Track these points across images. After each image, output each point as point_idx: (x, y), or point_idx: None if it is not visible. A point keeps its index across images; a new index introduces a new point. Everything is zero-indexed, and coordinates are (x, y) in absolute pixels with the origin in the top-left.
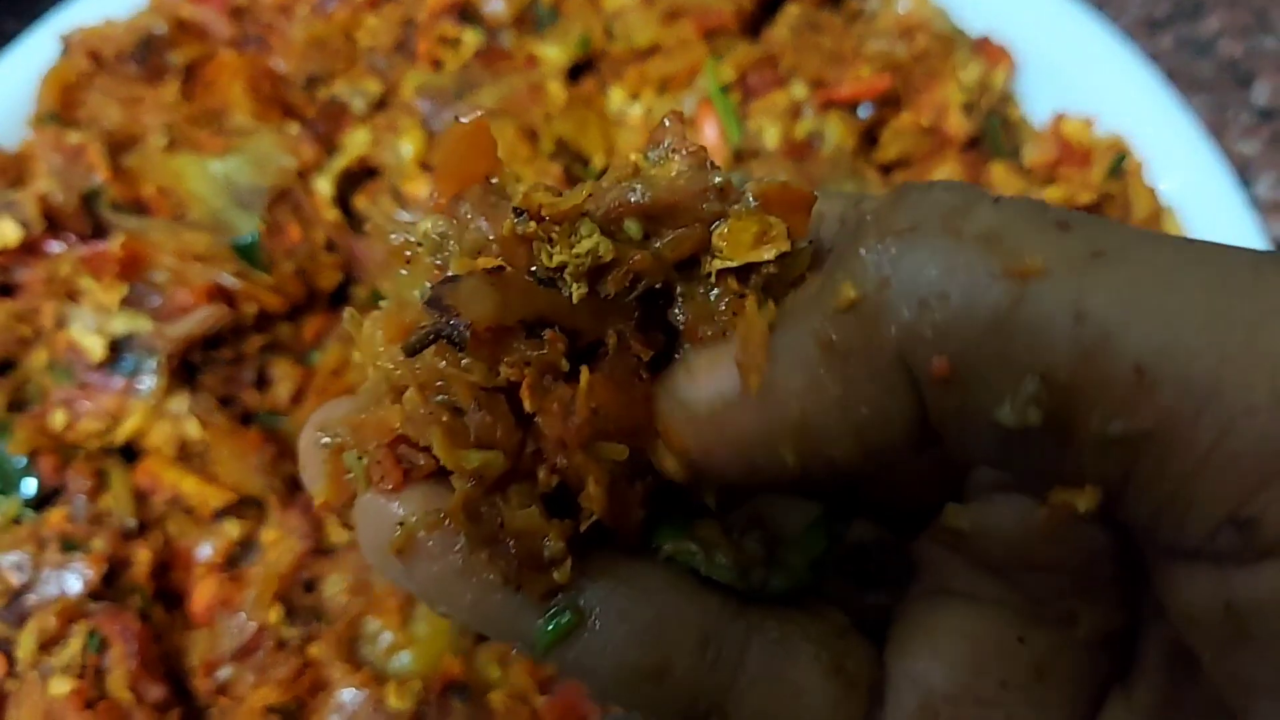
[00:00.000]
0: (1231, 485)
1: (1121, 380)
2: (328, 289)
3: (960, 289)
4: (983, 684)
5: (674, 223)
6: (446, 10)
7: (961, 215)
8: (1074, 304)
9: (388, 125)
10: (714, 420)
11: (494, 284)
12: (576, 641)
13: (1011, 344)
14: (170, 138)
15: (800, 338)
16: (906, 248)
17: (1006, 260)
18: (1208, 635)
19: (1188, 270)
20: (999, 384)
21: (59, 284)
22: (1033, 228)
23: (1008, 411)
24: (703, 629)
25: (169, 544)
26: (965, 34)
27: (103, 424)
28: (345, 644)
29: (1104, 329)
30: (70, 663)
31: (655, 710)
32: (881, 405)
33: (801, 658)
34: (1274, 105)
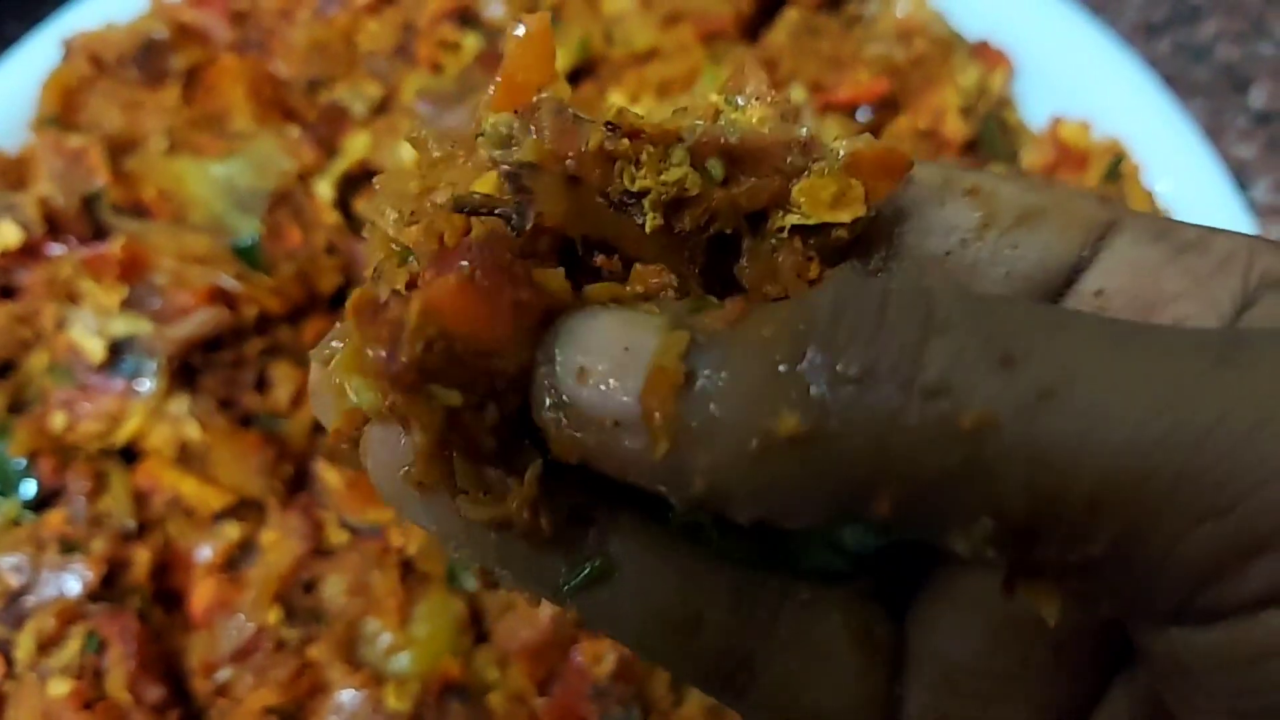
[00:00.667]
0: (1183, 584)
1: (1076, 515)
2: (328, 292)
3: (910, 441)
4: (1004, 658)
5: (755, 170)
6: (446, 14)
7: (912, 354)
8: (1025, 452)
9: (388, 129)
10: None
11: (568, 186)
12: (604, 589)
13: (963, 488)
14: (171, 141)
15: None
16: (857, 399)
17: (957, 416)
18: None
19: (1140, 388)
20: (950, 520)
21: (59, 286)
22: (979, 370)
23: (960, 545)
24: (735, 584)
25: (168, 545)
26: (963, 38)
27: (103, 426)
28: (344, 645)
29: (1057, 472)
30: (69, 664)
31: (682, 664)
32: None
33: (831, 623)
34: (1271, 109)
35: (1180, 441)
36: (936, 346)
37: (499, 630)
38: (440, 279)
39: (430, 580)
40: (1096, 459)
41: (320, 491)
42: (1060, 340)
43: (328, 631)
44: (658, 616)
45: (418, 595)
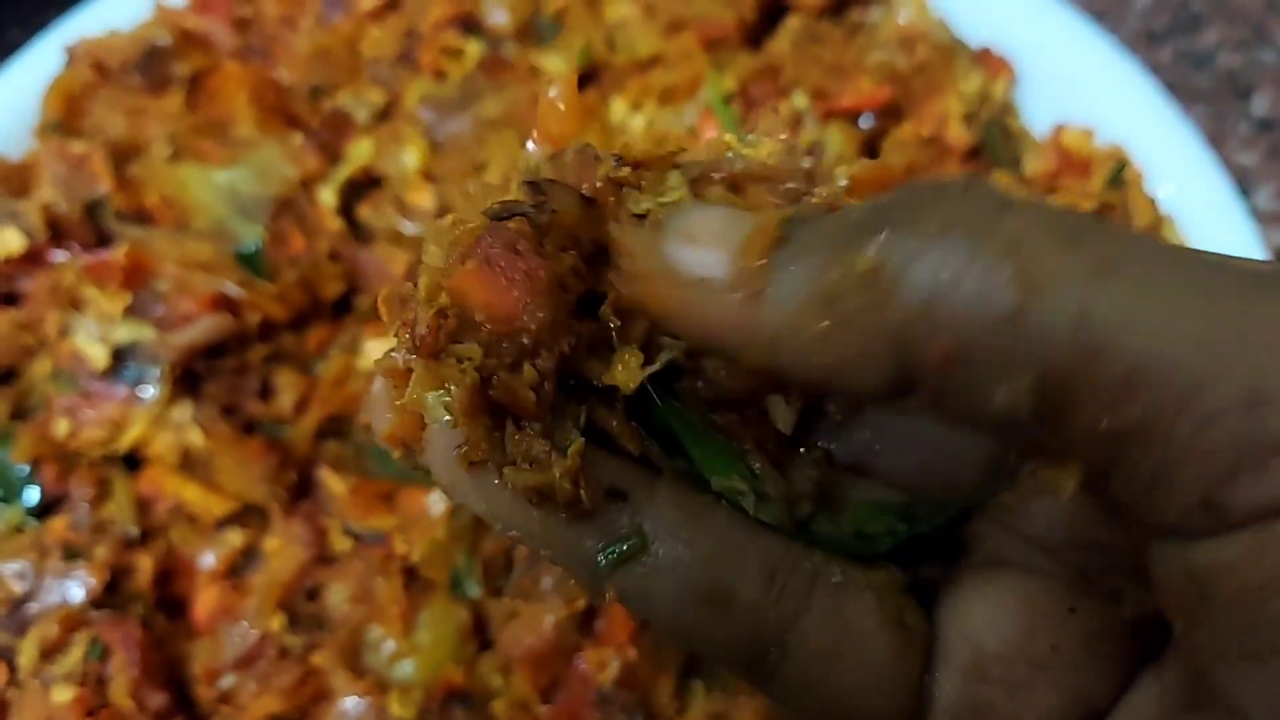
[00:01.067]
0: (1204, 475)
1: (1113, 382)
2: (331, 298)
3: (975, 287)
4: (1034, 647)
5: (756, 196)
6: (449, 22)
7: (989, 220)
8: (1076, 315)
9: (391, 135)
10: (695, 292)
11: (581, 200)
12: (638, 565)
13: (1014, 342)
14: (174, 148)
15: (806, 273)
16: (934, 241)
17: (1022, 267)
18: (1177, 605)
19: (1186, 284)
20: (995, 375)
21: (62, 293)
22: (1050, 238)
23: (999, 401)
24: (769, 561)
25: (171, 552)
26: (966, 45)
27: (105, 432)
28: (348, 652)
29: (1102, 336)
30: (72, 670)
31: (716, 641)
32: (861, 363)
33: (865, 604)
34: (1273, 117)
35: (1221, 336)
36: (1009, 217)
37: (502, 637)
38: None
39: (434, 588)
40: (1138, 333)
41: (324, 499)
42: (1117, 236)
43: (331, 639)
44: (691, 592)
45: (421, 603)
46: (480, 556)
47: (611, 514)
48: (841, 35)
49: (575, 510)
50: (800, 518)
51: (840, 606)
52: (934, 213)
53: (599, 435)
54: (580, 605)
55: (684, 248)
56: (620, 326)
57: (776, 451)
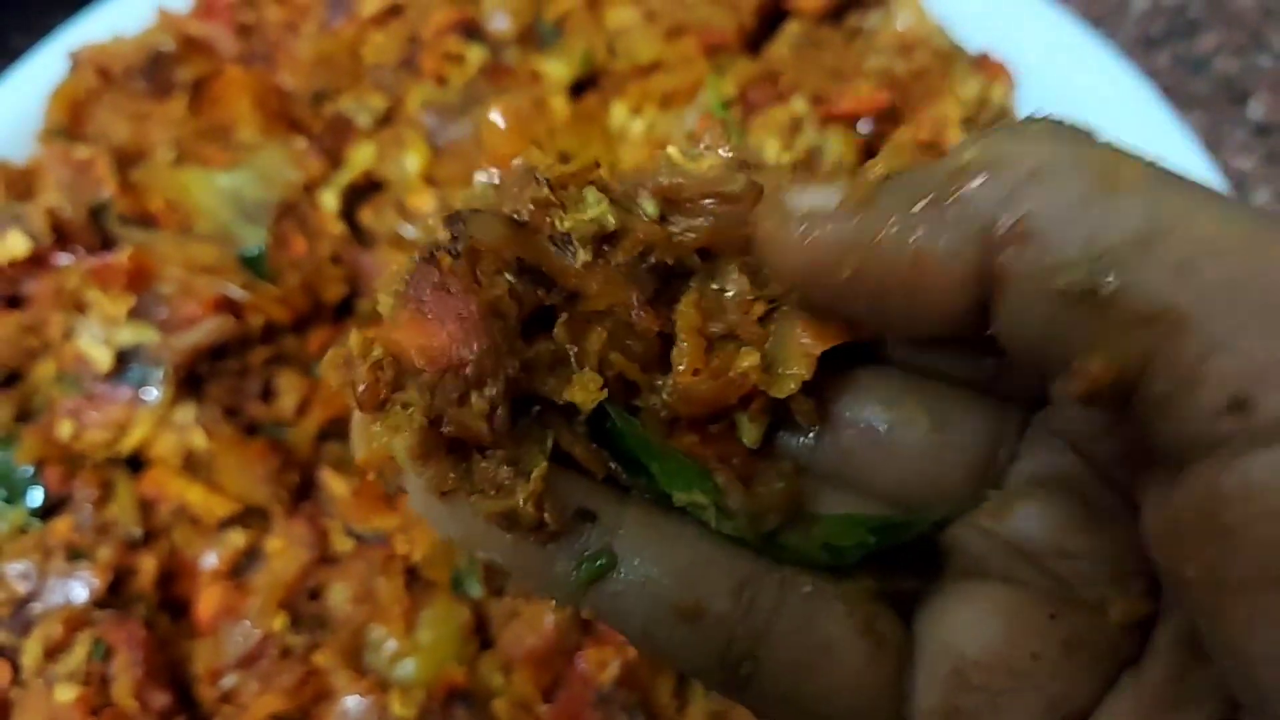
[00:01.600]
0: (1236, 369)
1: (1166, 267)
2: (333, 301)
3: (1056, 178)
4: (1015, 654)
5: (696, 213)
6: (451, 27)
7: (1076, 137)
8: (1146, 206)
9: (393, 140)
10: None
11: (508, 223)
12: (610, 583)
13: (1085, 223)
14: (178, 152)
15: (906, 189)
16: (1020, 137)
17: (1103, 168)
18: (1183, 541)
19: (1239, 205)
20: (1065, 252)
21: (67, 296)
22: (1127, 156)
23: (1062, 282)
24: (738, 574)
25: (174, 553)
26: (964, 50)
27: (109, 434)
28: (349, 652)
29: (1164, 226)
30: (75, 670)
31: (689, 653)
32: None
33: (834, 614)
34: (1270, 121)
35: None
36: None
37: (504, 637)
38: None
39: (435, 588)
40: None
41: (325, 500)
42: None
43: (333, 638)
44: (661, 608)
45: (423, 602)
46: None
47: (581, 534)
48: (840, 40)
49: (543, 533)
50: (766, 531)
51: (810, 617)
52: (1026, 127)
53: (566, 458)
54: None
55: (800, 192)
56: (576, 349)
57: (743, 467)
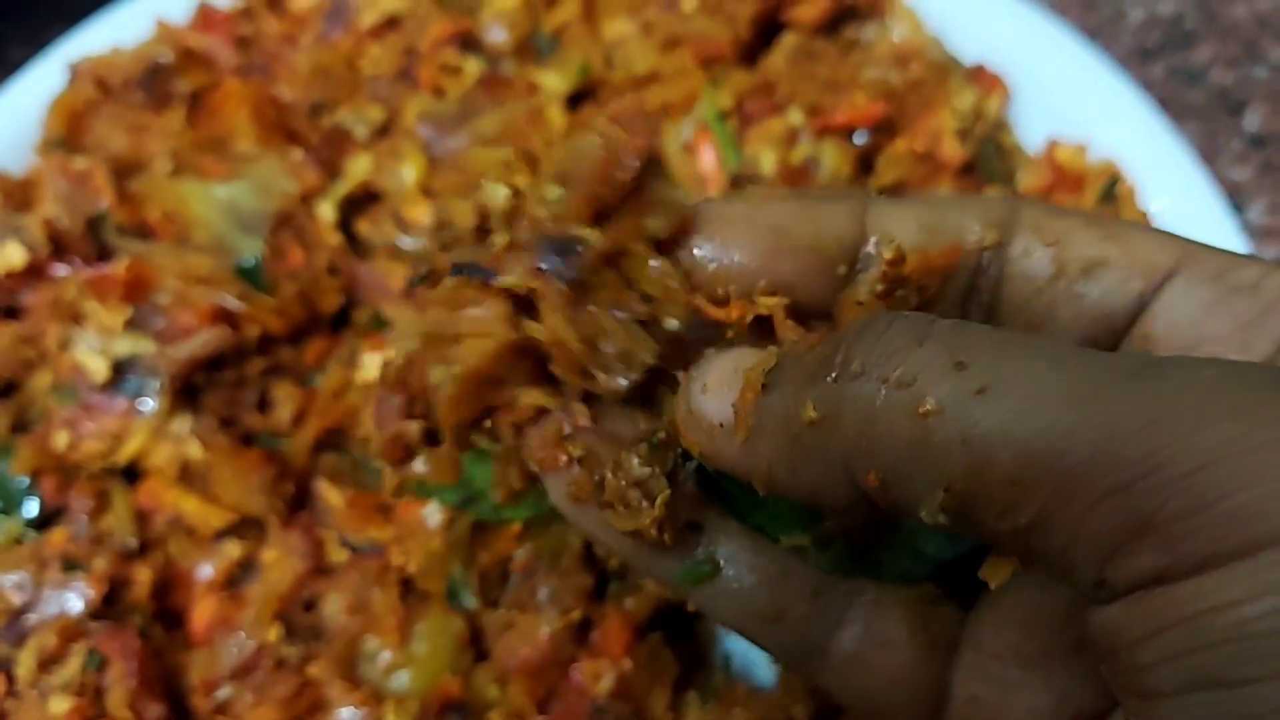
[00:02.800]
0: (1092, 558)
1: (1001, 489)
2: (329, 312)
3: (885, 422)
4: (1029, 649)
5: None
6: (448, 39)
7: (892, 364)
8: (961, 434)
9: (390, 151)
10: (712, 437)
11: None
12: (711, 586)
13: (921, 464)
14: (175, 163)
15: (778, 420)
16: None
17: (915, 404)
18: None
19: (1059, 390)
20: (917, 492)
21: (63, 306)
22: (938, 373)
23: (926, 514)
24: (814, 583)
25: (170, 564)
26: (959, 62)
27: (105, 445)
28: (344, 663)
29: (985, 451)
30: (70, 681)
31: (770, 643)
32: (828, 487)
33: (893, 617)
34: (1265, 132)
35: (1088, 434)
36: (915, 354)
37: (498, 649)
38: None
39: (430, 599)
40: (1016, 442)
41: (321, 510)
42: (1006, 353)
43: (327, 649)
44: (752, 609)
45: (417, 614)
46: (476, 568)
47: (690, 543)
48: (836, 52)
49: (659, 546)
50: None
51: (872, 620)
52: (856, 354)
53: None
54: (575, 616)
55: (701, 397)
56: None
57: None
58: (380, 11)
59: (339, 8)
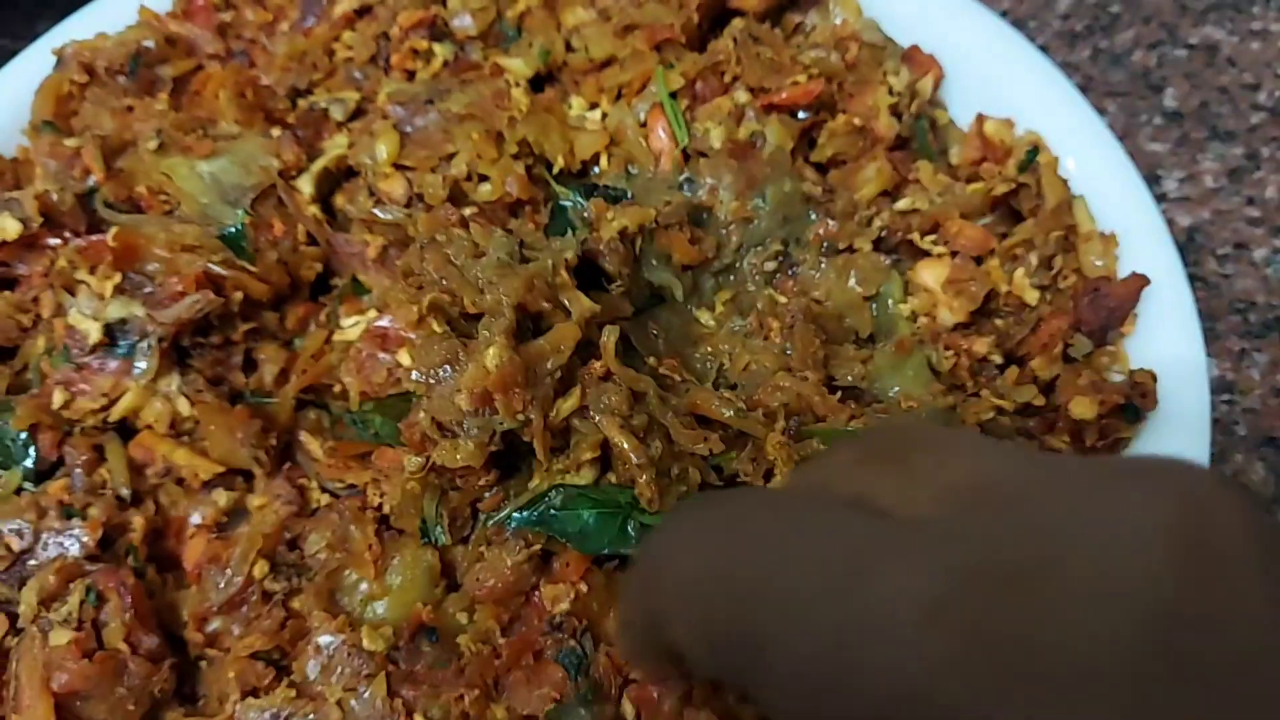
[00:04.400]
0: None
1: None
2: (309, 279)
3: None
4: None
5: None
6: (418, 26)
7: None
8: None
9: (364, 130)
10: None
11: None
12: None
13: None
14: (160, 142)
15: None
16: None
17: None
18: None
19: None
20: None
21: (56, 275)
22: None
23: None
24: None
25: (161, 512)
26: (895, 44)
27: (99, 403)
28: (325, 595)
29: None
30: (69, 616)
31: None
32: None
33: None
34: (1181, 109)
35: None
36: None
37: (468, 581)
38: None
39: (405, 536)
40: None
41: (303, 461)
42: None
43: (310, 584)
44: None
45: (393, 550)
46: (447, 508)
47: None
48: (780, 36)
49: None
50: None
51: None
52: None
53: None
54: (537, 549)
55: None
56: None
57: None
58: (354, 0)
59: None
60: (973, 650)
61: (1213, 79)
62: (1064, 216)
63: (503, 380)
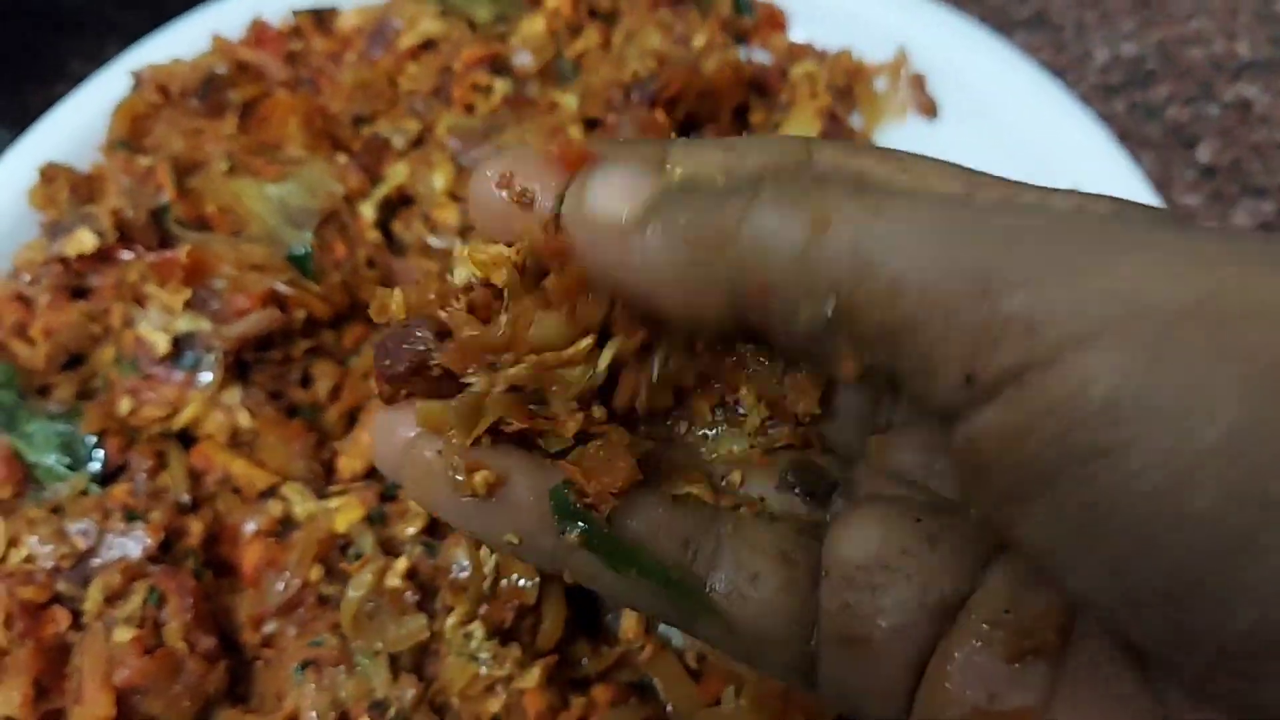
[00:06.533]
0: (959, 355)
1: (881, 291)
2: (368, 301)
3: (783, 237)
4: (887, 552)
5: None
6: (480, 61)
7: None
8: (852, 239)
9: (423, 160)
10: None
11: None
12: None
13: (807, 271)
14: (230, 164)
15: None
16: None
17: (814, 215)
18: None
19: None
20: (798, 299)
21: (128, 288)
22: (840, 190)
23: (803, 320)
24: (684, 535)
25: (218, 519)
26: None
27: (163, 411)
28: None
29: (870, 257)
30: (132, 614)
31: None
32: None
33: (760, 552)
34: (1215, 164)
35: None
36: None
37: None
38: None
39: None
40: (898, 254)
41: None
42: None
43: None
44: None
45: None
46: None
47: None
48: None
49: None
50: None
51: (740, 556)
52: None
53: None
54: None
55: (597, 194)
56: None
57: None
58: (419, 34)
59: (381, 29)
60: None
61: (1246, 136)
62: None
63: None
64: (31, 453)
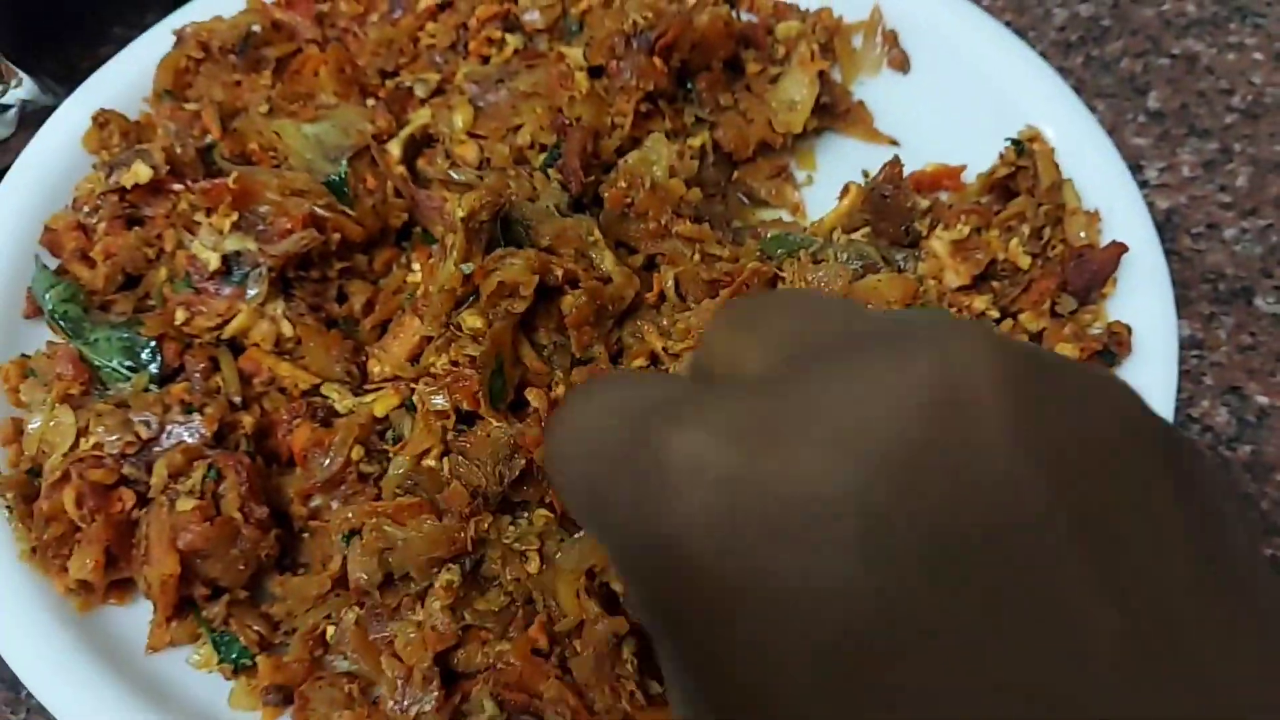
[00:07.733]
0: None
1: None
2: (396, 226)
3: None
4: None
5: None
6: (493, 18)
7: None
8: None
9: (443, 104)
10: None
11: None
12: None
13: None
14: (270, 107)
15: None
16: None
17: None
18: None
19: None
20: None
21: (179, 216)
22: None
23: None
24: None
25: (266, 416)
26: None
27: (214, 321)
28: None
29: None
30: (193, 487)
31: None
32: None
33: None
34: (1163, 109)
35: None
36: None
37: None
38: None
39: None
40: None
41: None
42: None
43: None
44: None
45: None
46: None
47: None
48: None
49: None
50: None
51: None
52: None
53: None
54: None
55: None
56: None
57: None
58: None
59: None
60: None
61: (1192, 84)
62: (1055, 195)
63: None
64: (97, 357)
